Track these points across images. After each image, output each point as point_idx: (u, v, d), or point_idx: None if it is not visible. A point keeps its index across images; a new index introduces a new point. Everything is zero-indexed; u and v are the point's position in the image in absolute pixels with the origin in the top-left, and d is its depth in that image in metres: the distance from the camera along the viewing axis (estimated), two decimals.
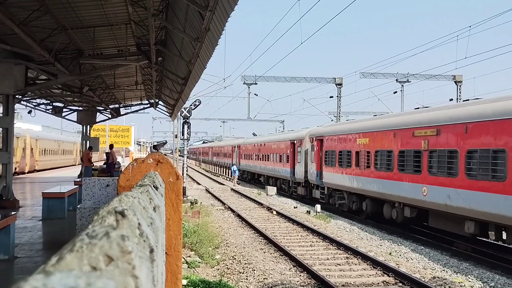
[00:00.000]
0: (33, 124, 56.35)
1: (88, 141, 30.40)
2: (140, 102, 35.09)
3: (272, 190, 33.02)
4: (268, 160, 39.04)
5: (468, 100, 16.96)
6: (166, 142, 36.24)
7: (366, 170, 20.38)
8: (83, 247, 0.77)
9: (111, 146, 26.84)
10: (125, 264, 0.78)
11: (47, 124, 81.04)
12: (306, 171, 28.59)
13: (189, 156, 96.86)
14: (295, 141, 31.38)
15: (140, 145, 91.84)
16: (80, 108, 31.82)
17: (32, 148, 38.81)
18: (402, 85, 41.71)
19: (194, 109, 28.35)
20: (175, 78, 19.75)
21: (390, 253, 14.56)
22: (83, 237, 0.81)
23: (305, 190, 29.49)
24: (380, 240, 16.91)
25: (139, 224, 1.12)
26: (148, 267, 0.98)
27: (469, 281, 11.66)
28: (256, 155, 43.78)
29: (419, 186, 16.43)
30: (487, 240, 16.63)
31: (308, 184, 28.91)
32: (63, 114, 32.59)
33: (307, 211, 23.81)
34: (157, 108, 35.39)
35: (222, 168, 60.84)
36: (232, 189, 35.83)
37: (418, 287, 10.35)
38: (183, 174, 27.87)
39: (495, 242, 16.77)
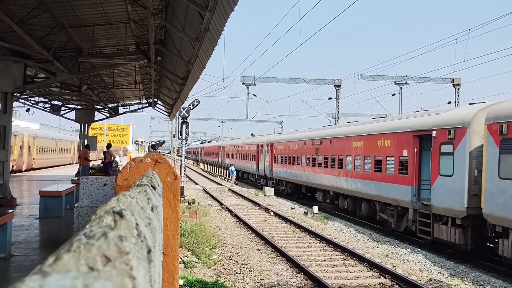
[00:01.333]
0: (31, 122, 56.26)
1: (85, 140, 30.36)
2: (138, 101, 35.07)
3: (269, 191, 32.97)
4: (339, 167, 23.17)
5: None
6: (164, 142, 36.24)
7: None
8: (80, 247, 0.77)
9: (108, 145, 26.75)
10: (123, 265, 0.78)
11: (45, 122, 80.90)
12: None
13: (188, 156, 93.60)
14: (453, 131, 14.84)
15: (138, 144, 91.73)
16: (79, 107, 31.77)
17: (29, 146, 38.72)
18: (401, 87, 41.80)
19: (192, 109, 28.35)
20: (174, 78, 19.74)
21: (387, 255, 14.57)
22: (80, 237, 0.81)
23: (461, 234, 14.19)
24: (377, 242, 16.92)
25: (137, 224, 1.12)
26: (146, 268, 0.97)
27: (465, 284, 11.68)
28: (308, 158, 28.13)
29: None
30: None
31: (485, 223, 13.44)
32: (61, 112, 32.55)
33: (305, 212, 23.81)
34: (155, 108, 35.36)
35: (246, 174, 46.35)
36: (229, 189, 35.82)
37: None
38: (180, 174, 27.84)
39: (491, 246, 16.79)
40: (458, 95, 38.81)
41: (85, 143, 28.60)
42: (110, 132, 47.84)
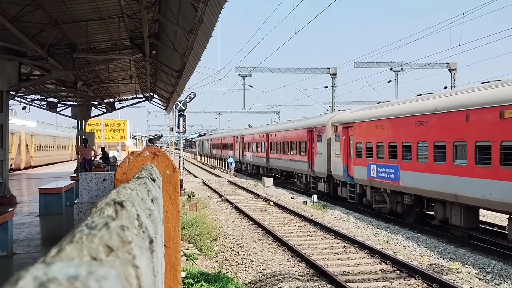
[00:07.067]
0: (28, 120, 56.11)
1: (83, 136, 30.29)
2: (135, 96, 34.95)
3: (268, 181, 33.03)
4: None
5: None
6: (161, 136, 36.20)
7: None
8: (82, 238, 0.77)
9: (84, 141, 24.71)
10: (125, 254, 0.79)
11: (42, 120, 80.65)
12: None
13: (186, 150, 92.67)
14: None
15: (136, 139, 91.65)
16: (75, 103, 31.66)
17: (27, 144, 38.67)
18: (397, 74, 41.76)
19: (189, 102, 28.31)
20: (170, 71, 19.68)
21: (387, 241, 14.64)
22: (82, 228, 0.81)
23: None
24: (377, 228, 16.99)
25: (137, 215, 1.13)
26: (148, 257, 0.98)
27: (465, 267, 11.76)
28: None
29: None
30: (482, 226, 16.81)
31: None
32: (58, 109, 32.41)
33: (304, 201, 23.88)
34: (152, 102, 35.28)
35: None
36: (229, 181, 35.86)
37: (415, 274, 10.43)
38: (179, 167, 27.84)
39: (491, 228, 16.93)
40: (454, 80, 38.81)
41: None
42: (108, 127, 47.67)
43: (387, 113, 18.46)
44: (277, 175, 36.90)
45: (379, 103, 21.60)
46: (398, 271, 10.89)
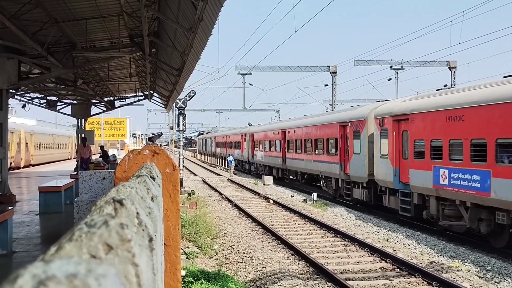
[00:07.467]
0: (27, 119, 56.12)
1: (83, 135, 30.28)
2: (134, 94, 34.94)
3: (268, 179, 33.03)
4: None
5: None
6: (161, 134, 36.09)
7: None
8: (82, 236, 0.77)
9: (83, 139, 24.91)
10: (125, 252, 0.78)
11: (42, 118, 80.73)
12: None
13: (187, 148, 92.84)
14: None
15: (136, 137, 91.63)
16: (75, 102, 31.65)
17: (27, 143, 38.69)
18: (397, 72, 41.78)
19: (189, 100, 28.28)
20: (169, 69, 19.68)
21: (387, 240, 14.64)
22: (81, 226, 0.81)
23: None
24: (377, 227, 16.99)
25: (137, 213, 1.12)
26: (148, 256, 0.98)
27: (465, 266, 11.76)
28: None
29: None
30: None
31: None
32: (58, 107, 32.37)
33: (304, 199, 23.89)
34: (151, 100, 35.27)
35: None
36: (229, 179, 35.87)
37: (415, 272, 10.44)
38: (179, 165, 27.84)
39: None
40: (454, 78, 38.83)
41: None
42: (107, 126, 47.55)
43: (468, 99, 13.99)
44: (292, 177, 32.41)
45: (439, 89, 17.36)
46: (398, 269, 10.90)
